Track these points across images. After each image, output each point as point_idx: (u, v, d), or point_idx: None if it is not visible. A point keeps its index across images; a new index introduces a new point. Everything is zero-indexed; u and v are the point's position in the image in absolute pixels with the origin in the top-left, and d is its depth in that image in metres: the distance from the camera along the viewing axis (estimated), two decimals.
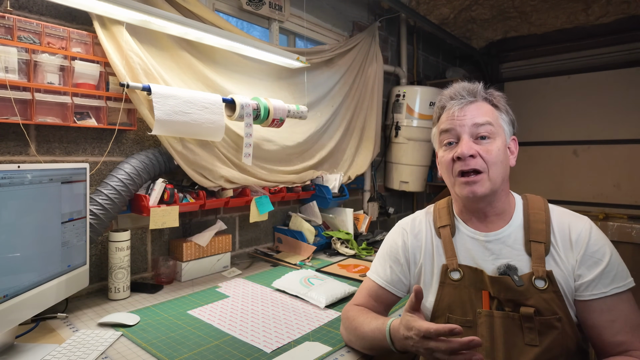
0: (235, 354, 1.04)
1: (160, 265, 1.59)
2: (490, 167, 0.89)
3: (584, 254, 0.88)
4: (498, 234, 0.93)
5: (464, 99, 0.93)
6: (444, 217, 1.01)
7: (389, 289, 1.04)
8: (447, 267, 0.96)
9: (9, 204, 0.95)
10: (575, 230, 0.90)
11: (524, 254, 0.91)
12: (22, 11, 1.28)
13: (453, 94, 0.95)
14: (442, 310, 0.95)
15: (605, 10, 2.89)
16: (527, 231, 0.92)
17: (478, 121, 0.91)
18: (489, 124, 0.91)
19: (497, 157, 0.90)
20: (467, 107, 0.93)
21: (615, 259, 0.88)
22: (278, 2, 2.10)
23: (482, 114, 0.92)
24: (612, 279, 0.86)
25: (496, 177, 0.90)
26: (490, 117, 0.92)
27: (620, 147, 3.31)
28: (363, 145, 2.61)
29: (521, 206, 0.97)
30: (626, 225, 2.85)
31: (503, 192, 0.95)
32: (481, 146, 0.90)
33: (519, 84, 3.76)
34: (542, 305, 0.86)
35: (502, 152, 0.91)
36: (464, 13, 3.08)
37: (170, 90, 1.46)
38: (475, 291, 0.92)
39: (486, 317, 0.90)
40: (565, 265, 0.88)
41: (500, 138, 0.92)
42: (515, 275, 0.88)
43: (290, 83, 2.14)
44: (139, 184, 1.47)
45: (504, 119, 0.96)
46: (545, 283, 0.87)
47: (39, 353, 1.00)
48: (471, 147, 0.89)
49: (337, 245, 2.10)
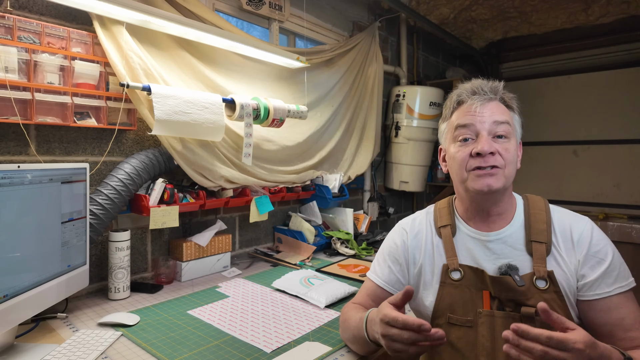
0: (235, 354, 1.04)
1: (160, 265, 1.59)
2: (507, 165, 0.90)
3: (586, 254, 0.88)
4: (499, 233, 0.93)
5: (486, 95, 0.93)
6: (444, 217, 1.01)
7: (387, 288, 1.04)
8: (447, 267, 0.96)
9: (9, 204, 0.95)
10: (576, 230, 0.90)
11: (525, 254, 0.91)
12: (22, 11, 1.28)
13: (475, 88, 0.94)
14: (443, 310, 0.95)
15: (605, 10, 2.89)
16: (528, 231, 0.92)
17: (498, 119, 0.90)
18: (508, 123, 0.91)
19: (513, 156, 0.91)
20: (488, 103, 0.92)
21: (617, 258, 0.88)
22: (278, 2, 2.10)
23: (502, 112, 0.92)
24: (615, 278, 0.86)
25: (510, 176, 0.91)
26: (508, 117, 0.93)
27: (620, 147, 3.30)
28: (363, 145, 2.61)
29: (522, 206, 0.97)
30: (626, 225, 2.85)
31: (508, 192, 0.95)
32: (499, 144, 0.90)
33: (519, 84, 3.76)
34: None
35: (515, 152, 0.93)
36: (464, 13, 3.08)
37: (170, 90, 1.46)
38: (475, 291, 0.92)
39: (487, 317, 0.90)
40: (567, 266, 0.88)
41: (514, 138, 0.93)
42: (517, 275, 0.88)
43: (290, 83, 2.14)
44: (139, 184, 1.47)
45: (517, 120, 0.97)
46: (547, 283, 0.87)
47: (39, 353, 1.00)
48: (492, 145, 0.89)
49: (337, 245, 2.10)
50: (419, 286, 1.02)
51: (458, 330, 0.92)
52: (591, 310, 0.87)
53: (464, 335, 0.92)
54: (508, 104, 0.96)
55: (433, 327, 0.98)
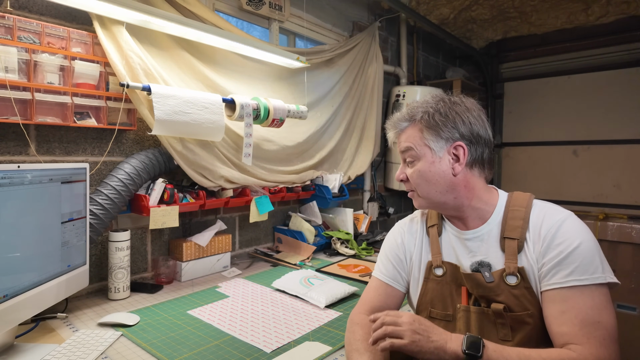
0: (235, 354, 1.04)
1: (160, 265, 1.59)
2: (416, 187, 0.96)
3: (548, 245, 0.85)
4: (476, 231, 0.95)
5: (397, 128, 0.99)
6: (433, 217, 1.06)
7: (392, 283, 1.07)
8: (431, 264, 1.00)
9: (9, 204, 0.95)
10: (547, 223, 0.88)
11: (499, 250, 0.92)
12: (22, 11, 1.28)
13: (390, 123, 1.01)
14: (425, 305, 1.00)
15: (605, 10, 2.89)
16: (502, 228, 0.93)
17: (402, 148, 0.98)
18: (410, 149, 0.95)
19: (419, 177, 0.95)
20: (401, 134, 0.98)
21: (584, 251, 0.82)
22: (278, 2, 2.10)
23: (406, 138, 0.97)
24: (572, 270, 0.81)
25: (428, 194, 0.95)
26: (411, 142, 0.95)
27: (620, 147, 3.30)
28: (363, 145, 2.61)
29: (504, 204, 0.96)
30: (626, 225, 2.85)
31: (463, 199, 0.94)
32: (408, 170, 0.97)
33: (519, 84, 3.76)
34: (512, 301, 0.87)
35: (426, 171, 0.93)
36: (464, 13, 3.08)
37: (170, 90, 1.46)
38: (456, 287, 0.96)
39: (464, 312, 0.93)
40: (532, 257, 0.87)
41: (424, 159, 0.93)
42: (487, 272, 0.90)
43: (290, 83, 2.14)
44: (139, 184, 1.47)
45: (430, 137, 0.93)
46: (517, 279, 0.87)
47: (38, 353, 1.00)
48: (401, 173, 0.99)
49: (337, 245, 2.10)
50: (409, 281, 1.07)
51: (438, 323, 0.94)
52: (544, 302, 0.84)
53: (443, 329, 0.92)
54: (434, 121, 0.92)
55: None
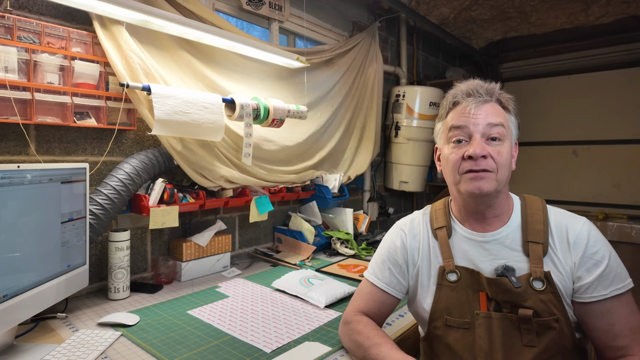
0: (235, 354, 1.04)
1: (160, 265, 1.59)
2: (499, 168, 0.89)
3: (582, 255, 0.87)
4: (496, 234, 0.93)
5: (481, 97, 0.91)
6: (440, 219, 1.01)
7: (388, 291, 1.03)
8: (444, 269, 0.96)
9: (9, 204, 0.95)
10: (573, 231, 0.89)
11: (521, 254, 0.90)
12: (22, 11, 1.28)
13: (470, 90, 0.92)
14: (440, 312, 0.95)
15: (605, 10, 2.89)
16: (525, 232, 0.92)
17: (492, 121, 0.89)
18: (502, 125, 0.90)
19: (507, 159, 0.90)
20: (482, 105, 0.91)
21: (614, 260, 0.87)
22: (278, 2, 2.10)
23: (497, 114, 0.91)
24: (611, 280, 0.85)
25: (502, 179, 0.90)
26: (502, 119, 0.91)
27: (620, 147, 3.30)
28: (363, 145, 2.61)
29: (519, 207, 0.96)
30: (626, 225, 2.85)
31: (503, 195, 0.94)
32: (492, 147, 0.89)
33: (519, 84, 3.76)
34: (540, 306, 0.86)
35: (509, 155, 0.91)
36: (464, 13, 3.08)
37: (170, 90, 1.46)
38: (472, 292, 0.92)
39: (484, 319, 0.89)
40: (564, 267, 0.88)
41: (508, 141, 0.92)
42: (513, 276, 0.87)
43: (290, 83, 2.14)
44: (139, 183, 1.47)
45: (513, 122, 0.95)
46: (543, 284, 0.86)
47: (38, 353, 1.00)
48: (484, 148, 0.88)
49: (337, 245, 2.10)
50: (416, 288, 1.01)
51: (455, 332, 0.92)
52: (586, 314, 0.87)
53: (461, 337, 0.91)
54: (504, 105, 0.95)
55: (431, 329, 0.98)
